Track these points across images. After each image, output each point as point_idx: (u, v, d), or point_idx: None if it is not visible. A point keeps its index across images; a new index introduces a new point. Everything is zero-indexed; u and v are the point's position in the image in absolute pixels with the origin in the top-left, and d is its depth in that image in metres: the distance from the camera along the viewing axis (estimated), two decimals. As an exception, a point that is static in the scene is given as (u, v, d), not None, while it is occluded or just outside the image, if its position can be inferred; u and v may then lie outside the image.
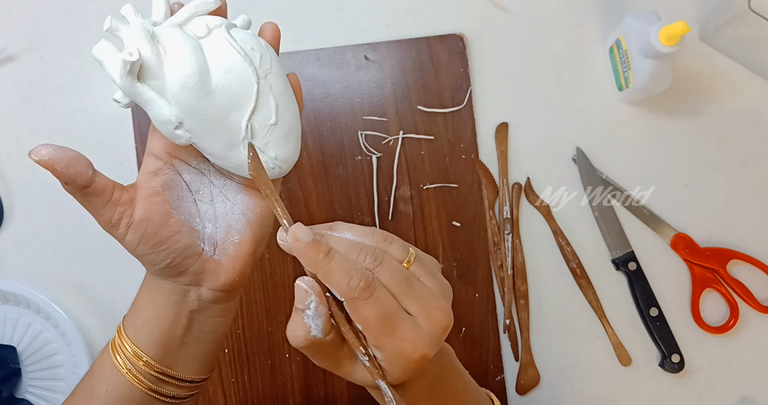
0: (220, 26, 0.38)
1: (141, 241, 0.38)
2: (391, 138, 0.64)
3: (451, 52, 0.65)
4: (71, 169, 0.36)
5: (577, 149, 0.65)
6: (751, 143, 0.65)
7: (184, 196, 0.40)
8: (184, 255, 0.39)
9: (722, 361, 0.64)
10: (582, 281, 0.64)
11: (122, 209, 0.38)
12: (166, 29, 0.37)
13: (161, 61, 0.36)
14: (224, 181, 0.41)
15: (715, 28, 0.63)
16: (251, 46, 0.38)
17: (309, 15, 0.67)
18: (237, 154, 0.38)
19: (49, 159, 0.35)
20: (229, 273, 0.40)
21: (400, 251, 0.35)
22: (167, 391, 0.41)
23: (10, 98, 0.67)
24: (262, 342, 0.64)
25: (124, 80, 0.35)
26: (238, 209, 0.41)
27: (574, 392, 0.64)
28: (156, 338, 0.40)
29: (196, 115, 0.37)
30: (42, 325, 0.65)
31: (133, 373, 0.40)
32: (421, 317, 0.34)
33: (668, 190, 0.65)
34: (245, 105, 0.37)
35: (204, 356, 0.43)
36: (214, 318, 0.42)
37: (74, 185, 0.36)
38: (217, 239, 0.41)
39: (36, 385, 0.65)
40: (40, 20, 0.67)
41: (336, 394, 0.63)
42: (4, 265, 0.66)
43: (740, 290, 0.63)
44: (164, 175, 0.39)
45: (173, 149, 0.40)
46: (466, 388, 0.41)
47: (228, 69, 0.37)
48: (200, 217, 0.40)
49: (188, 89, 0.36)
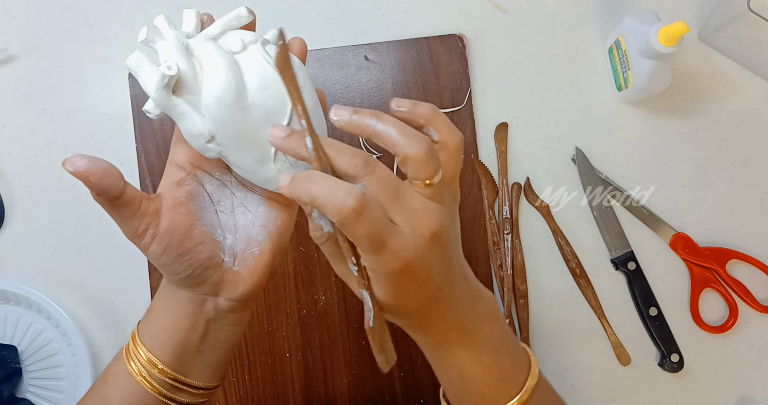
0: (255, 42, 0.38)
1: (165, 251, 0.38)
2: (391, 138, 0.64)
3: (451, 53, 0.65)
4: (104, 181, 0.35)
5: (577, 149, 0.65)
6: (751, 143, 0.65)
7: (206, 207, 0.40)
8: (205, 266, 0.39)
9: (721, 360, 0.64)
10: (581, 281, 0.64)
11: (149, 220, 0.38)
12: (201, 43, 0.37)
13: (197, 75, 0.36)
14: (246, 193, 0.42)
15: (714, 29, 0.63)
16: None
17: (309, 15, 0.67)
18: (267, 169, 0.38)
19: (84, 170, 0.35)
20: (248, 284, 0.41)
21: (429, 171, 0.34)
22: (180, 398, 0.41)
23: (10, 98, 0.67)
24: (262, 342, 0.64)
25: (160, 93, 0.35)
26: (259, 221, 0.41)
27: (574, 392, 0.64)
28: (172, 346, 0.40)
29: (230, 131, 0.36)
30: (43, 325, 0.65)
31: (148, 379, 0.40)
32: (405, 227, 0.34)
33: (668, 190, 0.65)
34: (279, 121, 0.37)
35: (217, 364, 0.43)
36: (230, 327, 0.42)
37: (106, 196, 0.36)
38: (237, 250, 0.41)
39: (37, 384, 0.65)
40: (40, 20, 0.67)
41: (336, 393, 0.64)
42: (4, 265, 0.66)
43: (739, 290, 0.63)
44: (188, 186, 0.40)
45: (197, 160, 0.40)
46: (504, 337, 0.41)
47: (264, 86, 0.37)
48: (221, 228, 0.41)
49: (225, 105, 0.36)
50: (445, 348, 0.40)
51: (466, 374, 0.40)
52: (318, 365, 0.64)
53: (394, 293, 0.35)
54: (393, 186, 0.34)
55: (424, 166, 0.34)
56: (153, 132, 0.65)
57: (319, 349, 0.64)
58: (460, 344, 0.39)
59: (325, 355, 0.64)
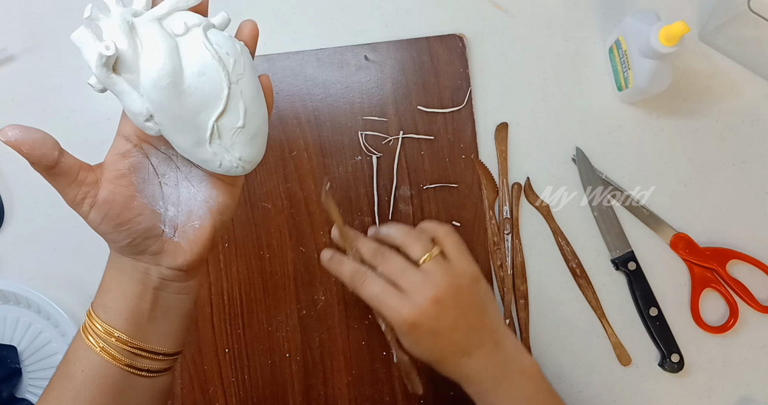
0: (198, 26, 0.38)
1: (103, 220, 0.40)
2: (391, 138, 0.65)
3: (451, 53, 0.65)
4: (37, 151, 0.37)
5: (577, 149, 0.65)
6: (751, 143, 0.65)
7: (149, 179, 0.42)
8: (145, 236, 0.41)
9: (722, 360, 0.64)
10: (581, 281, 0.64)
11: (87, 189, 0.39)
12: (146, 23, 0.38)
13: (137, 54, 0.37)
14: (190, 168, 0.43)
15: (714, 29, 0.63)
16: (226, 50, 0.39)
17: (309, 15, 0.67)
18: (203, 150, 0.40)
19: (15, 140, 0.36)
20: (187, 254, 0.42)
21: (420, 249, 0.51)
22: (142, 365, 0.43)
23: (10, 98, 0.67)
24: (262, 342, 0.64)
25: (100, 70, 0.37)
26: (201, 196, 0.43)
27: (574, 392, 0.64)
28: (125, 314, 0.42)
29: (166, 112, 0.38)
30: (42, 325, 0.65)
31: (107, 350, 0.41)
32: (408, 292, 0.48)
33: (668, 190, 0.65)
34: (214, 107, 0.38)
35: (174, 330, 0.45)
36: (177, 295, 0.44)
37: (40, 165, 0.38)
38: (178, 222, 0.43)
39: (36, 384, 0.65)
40: (40, 20, 0.67)
41: (336, 394, 0.63)
42: (4, 265, 0.66)
43: (740, 290, 0.63)
44: (132, 158, 0.41)
45: (144, 134, 0.41)
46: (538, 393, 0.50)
47: (201, 72, 0.37)
48: (164, 199, 0.42)
49: (160, 88, 0.37)
50: (483, 397, 0.50)
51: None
52: (318, 365, 0.64)
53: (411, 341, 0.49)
54: (400, 267, 0.50)
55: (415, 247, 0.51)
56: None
57: (318, 350, 0.64)
58: (495, 394, 0.49)
59: (325, 356, 0.64)
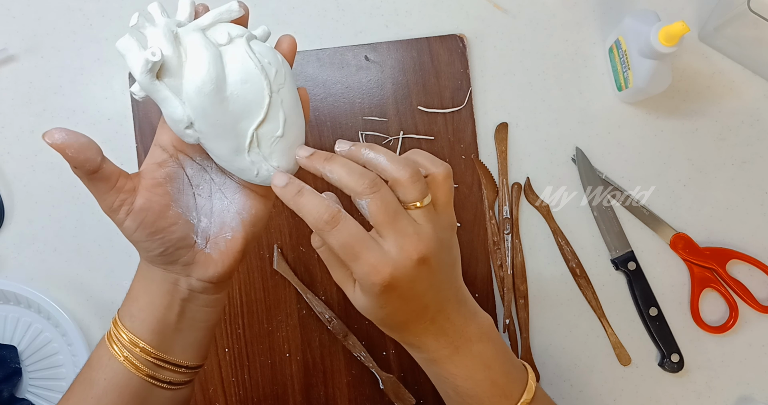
0: (241, 36, 0.39)
1: (138, 228, 0.40)
2: (392, 138, 0.65)
3: (451, 53, 0.65)
4: (82, 155, 0.37)
5: (577, 149, 0.65)
6: (751, 143, 0.65)
7: (184, 190, 0.42)
8: (177, 245, 0.41)
9: (721, 360, 0.64)
10: (581, 281, 0.64)
11: (124, 196, 0.40)
12: (190, 33, 0.38)
13: (181, 62, 0.38)
14: (224, 179, 0.44)
15: (714, 29, 0.63)
16: (269, 60, 0.39)
17: (309, 15, 0.67)
18: (242, 159, 0.40)
19: (61, 143, 0.37)
20: (218, 267, 0.42)
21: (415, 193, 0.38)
22: (164, 377, 0.42)
23: (10, 98, 0.67)
24: (262, 341, 0.64)
25: (144, 77, 0.37)
26: (234, 208, 0.43)
27: (574, 392, 0.64)
28: (152, 324, 0.42)
29: (208, 119, 0.38)
30: (42, 325, 0.65)
31: (131, 359, 0.41)
32: (393, 247, 0.37)
33: (668, 190, 0.65)
34: (255, 115, 0.39)
35: (198, 343, 0.45)
36: (205, 308, 0.44)
37: (83, 170, 0.38)
38: (210, 234, 0.43)
39: (36, 384, 0.65)
40: (40, 20, 0.67)
41: (336, 394, 0.64)
42: (4, 265, 0.66)
43: (739, 290, 0.63)
44: (168, 168, 0.41)
45: (180, 144, 0.42)
46: (496, 356, 0.43)
47: (244, 79, 0.38)
48: (197, 210, 0.42)
49: (204, 94, 0.37)
50: (438, 364, 0.43)
51: (460, 389, 0.43)
52: (318, 365, 0.64)
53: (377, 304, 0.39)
54: (393, 208, 0.38)
55: (410, 189, 0.38)
56: (153, 132, 0.65)
57: (318, 349, 0.64)
58: (452, 361, 0.42)
59: (325, 355, 0.64)
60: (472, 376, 0.42)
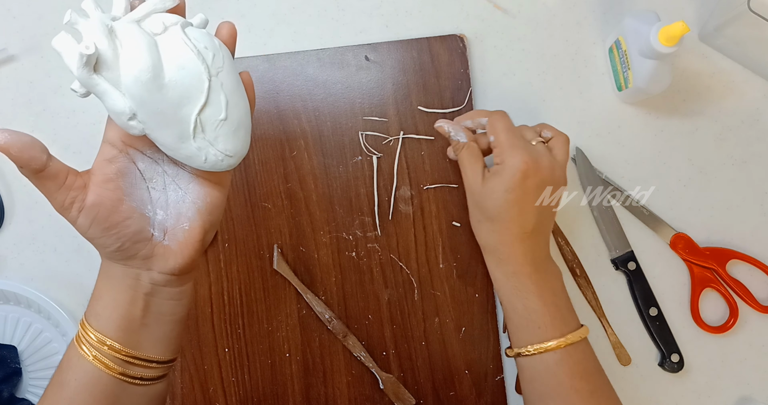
0: (175, 24, 0.39)
1: (92, 224, 0.40)
2: (392, 138, 0.65)
3: (451, 53, 0.65)
4: (25, 154, 0.38)
5: (577, 149, 0.65)
6: (751, 143, 0.65)
7: (137, 184, 0.42)
8: (134, 239, 0.41)
9: (722, 360, 0.64)
10: (581, 281, 0.64)
11: (74, 194, 0.40)
12: (124, 24, 0.38)
13: (117, 54, 0.38)
14: (177, 170, 0.43)
15: (714, 29, 0.63)
16: (204, 45, 0.40)
17: (309, 15, 0.67)
18: (187, 146, 0.40)
19: (4, 143, 0.37)
20: (178, 258, 0.42)
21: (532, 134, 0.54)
22: (135, 373, 0.42)
23: (10, 98, 0.67)
24: (262, 341, 0.64)
25: (81, 72, 0.37)
26: (189, 198, 0.43)
27: (574, 392, 0.64)
28: (117, 321, 0.42)
29: (149, 108, 0.38)
30: (42, 325, 0.65)
31: (99, 358, 0.41)
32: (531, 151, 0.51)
33: (668, 190, 0.65)
34: (196, 100, 0.39)
35: (167, 337, 0.44)
36: (169, 301, 0.44)
37: (29, 169, 0.38)
38: (167, 225, 0.43)
39: (37, 384, 0.65)
40: (40, 20, 0.67)
41: (336, 394, 0.64)
42: (4, 265, 0.66)
43: (739, 290, 0.63)
44: (119, 163, 0.41)
45: (129, 138, 0.42)
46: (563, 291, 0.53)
47: (181, 65, 0.38)
48: (152, 204, 0.42)
49: (141, 83, 0.37)
50: (519, 277, 0.51)
51: (529, 303, 0.50)
52: (318, 365, 0.64)
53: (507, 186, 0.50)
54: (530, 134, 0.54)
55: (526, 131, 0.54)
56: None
57: (318, 349, 0.64)
58: (530, 278, 0.51)
59: (325, 355, 0.64)
60: (543, 295, 0.50)
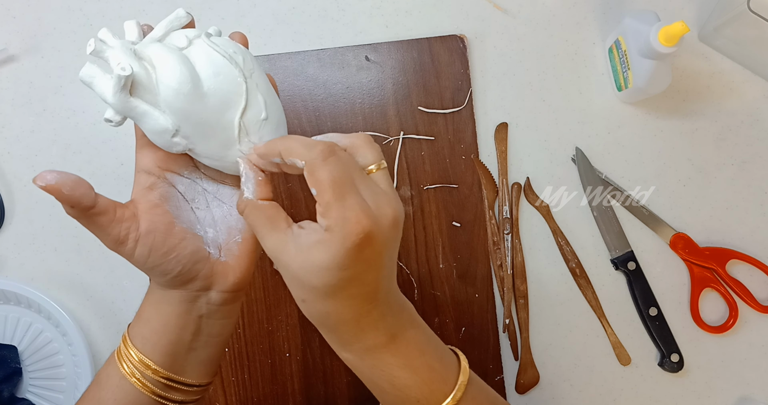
0: (199, 36, 0.40)
1: (151, 252, 0.39)
2: (392, 138, 0.65)
3: (451, 53, 0.65)
4: (76, 192, 0.37)
5: (577, 149, 0.65)
6: (751, 143, 0.65)
7: (181, 206, 0.41)
8: (194, 260, 0.40)
9: (721, 360, 0.64)
10: (581, 281, 0.64)
11: (128, 224, 0.39)
12: (148, 45, 0.39)
13: (150, 74, 0.38)
14: (217, 186, 0.43)
15: (714, 29, 0.63)
16: (233, 50, 0.40)
17: (309, 16, 0.67)
18: (233, 152, 0.40)
19: (56, 183, 0.36)
20: (237, 272, 0.42)
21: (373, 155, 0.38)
22: (175, 397, 0.42)
23: (10, 98, 0.67)
24: (262, 341, 0.64)
25: (118, 97, 0.37)
26: (235, 211, 0.43)
27: (574, 392, 0.64)
28: (164, 347, 0.41)
29: (192, 120, 0.38)
30: (43, 325, 0.65)
31: (141, 380, 0.40)
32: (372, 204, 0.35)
33: (667, 190, 0.65)
34: (237, 104, 0.39)
35: (210, 360, 0.44)
36: (222, 320, 0.43)
37: (79, 207, 0.37)
38: (220, 242, 0.42)
39: (37, 384, 0.65)
40: (40, 20, 0.67)
41: (336, 393, 0.64)
42: (4, 265, 0.66)
43: (739, 290, 0.64)
44: (160, 189, 0.41)
45: (164, 162, 0.41)
46: (429, 341, 0.42)
47: (216, 72, 0.38)
48: (200, 223, 0.42)
49: (183, 95, 0.37)
50: (374, 354, 0.40)
51: (396, 380, 0.40)
52: (318, 365, 0.64)
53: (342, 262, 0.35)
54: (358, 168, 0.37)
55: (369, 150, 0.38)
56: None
57: (318, 349, 0.64)
58: (389, 350, 0.40)
59: (325, 355, 0.64)
60: (410, 363, 0.40)
